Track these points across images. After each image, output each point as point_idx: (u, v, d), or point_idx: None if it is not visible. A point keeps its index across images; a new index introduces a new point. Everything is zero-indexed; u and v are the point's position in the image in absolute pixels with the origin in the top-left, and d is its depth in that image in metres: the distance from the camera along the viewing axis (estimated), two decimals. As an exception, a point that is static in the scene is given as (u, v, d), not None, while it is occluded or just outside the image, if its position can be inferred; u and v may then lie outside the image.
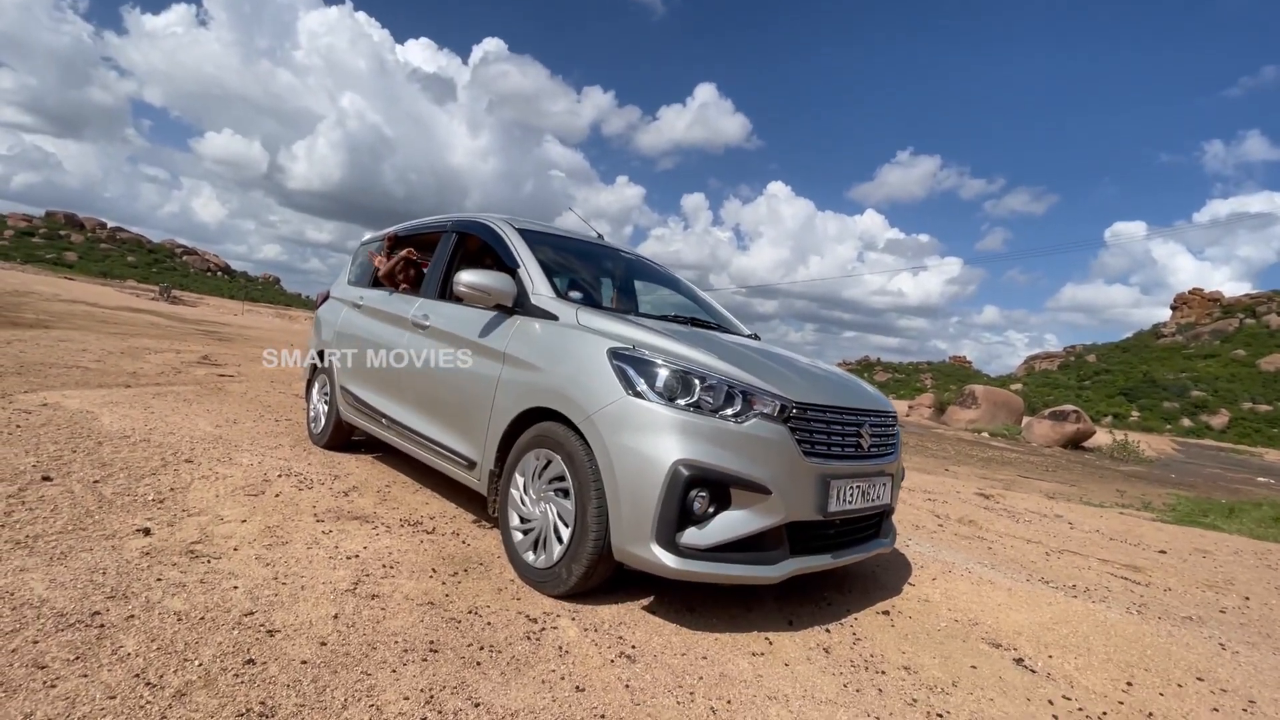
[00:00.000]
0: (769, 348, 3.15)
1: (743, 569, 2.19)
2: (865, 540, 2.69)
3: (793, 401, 2.31)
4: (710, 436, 2.18)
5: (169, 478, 3.23)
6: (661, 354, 2.35)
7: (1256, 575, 4.93)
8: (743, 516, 2.19)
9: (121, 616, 1.78)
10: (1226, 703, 2.14)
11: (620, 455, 2.21)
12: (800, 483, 2.27)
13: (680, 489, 2.11)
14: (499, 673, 1.80)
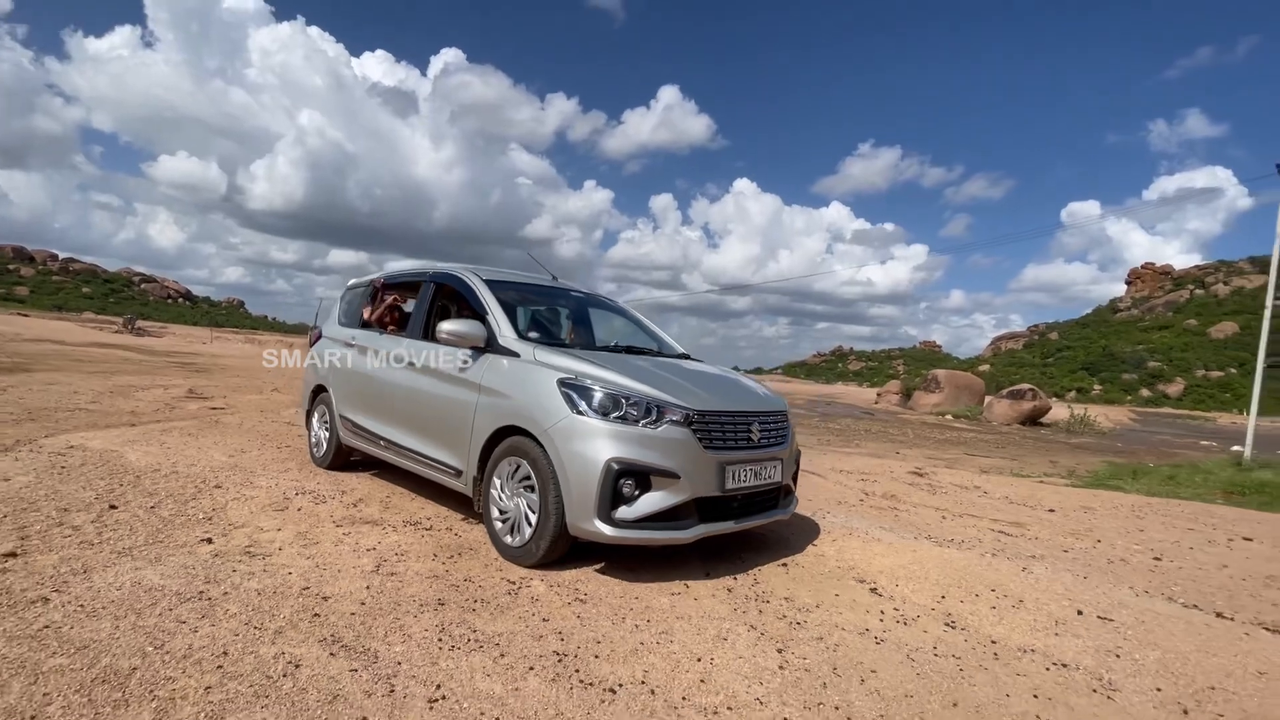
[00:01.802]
0: (686, 365, 3.99)
1: (663, 534, 3.02)
2: (764, 510, 3.52)
3: (694, 410, 3.15)
4: (634, 440, 3.01)
5: (208, 500, 3.94)
6: (597, 381, 3.18)
7: (1119, 525, 5.92)
8: (660, 496, 3.01)
9: (220, 593, 2.53)
10: (1001, 603, 3.02)
11: (569, 458, 3.02)
12: (703, 469, 3.10)
13: (613, 479, 2.93)
14: (489, 613, 2.60)
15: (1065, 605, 3.00)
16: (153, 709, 1.73)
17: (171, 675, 1.90)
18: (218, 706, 1.78)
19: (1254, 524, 6.49)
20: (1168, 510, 6.97)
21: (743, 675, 2.24)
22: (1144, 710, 2.23)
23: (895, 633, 2.72)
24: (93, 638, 2.07)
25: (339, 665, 2.07)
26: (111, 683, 1.83)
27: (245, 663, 2.02)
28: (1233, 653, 2.60)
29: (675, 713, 1.97)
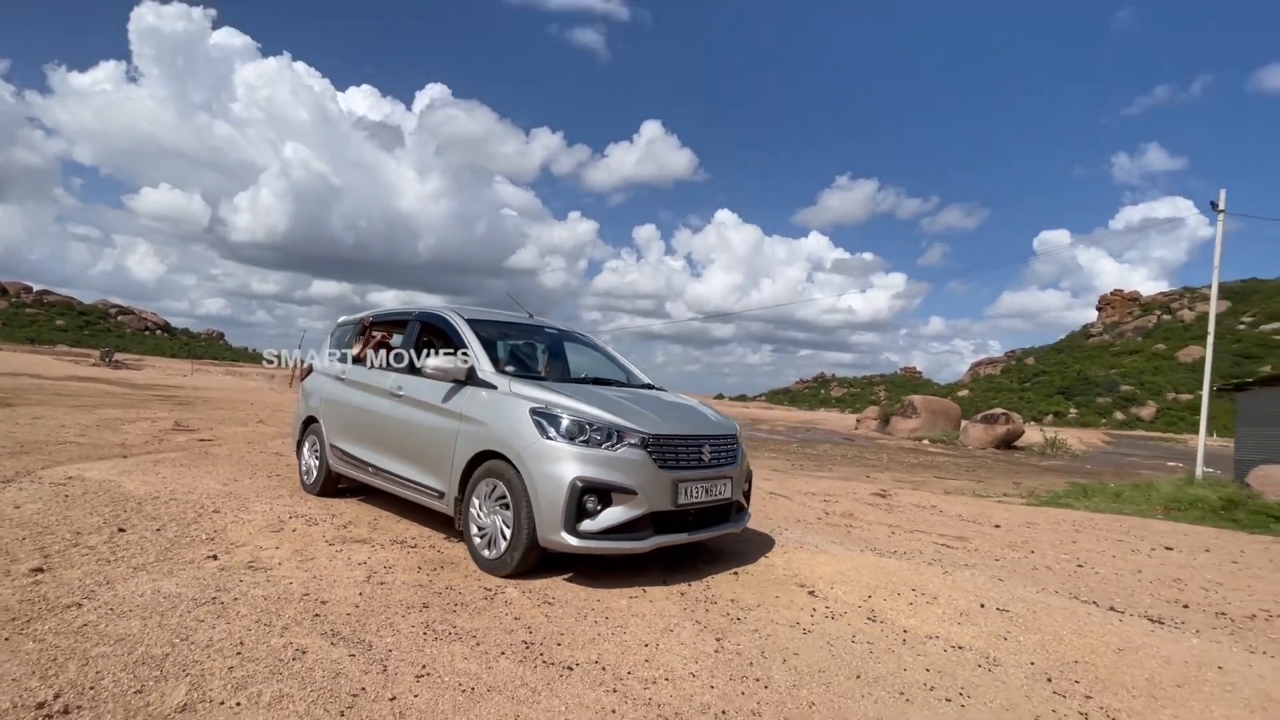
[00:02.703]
0: (648, 394, 4.45)
1: (622, 544, 3.44)
2: (717, 524, 3.94)
3: (650, 434, 3.59)
4: (597, 461, 3.44)
5: (208, 524, 4.27)
6: (565, 409, 3.61)
7: (1055, 538, 6.41)
8: (620, 510, 3.43)
9: (230, 599, 2.89)
10: (918, 600, 3.46)
11: (540, 477, 3.44)
12: (658, 486, 3.53)
13: (578, 495, 3.35)
14: (468, 613, 2.98)
15: (972, 601, 3.44)
16: (187, 682, 2.10)
17: (199, 659, 2.27)
18: (241, 680, 2.15)
19: (1181, 536, 7.03)
20: (1106, 525, 7.50)
21: (682, 657, 2.65)
22: (1016, 679, 2.67)
23: (822, 625, 3.15)
24: (127, 633, 2.43)
25: (339, 652, 2.44)
26: (150, 664, 2.19)
27: (259, 650, 2.39)
28: (1102, 635, 3.05)
29: (620, 683, 2.38)
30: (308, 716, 1.97)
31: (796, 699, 2.37)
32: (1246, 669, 2.75)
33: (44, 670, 2.09)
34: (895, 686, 2.53)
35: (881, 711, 2.32)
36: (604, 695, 2.28)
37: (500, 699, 2.19)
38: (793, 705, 2.32)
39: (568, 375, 5.13)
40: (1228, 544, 6.71)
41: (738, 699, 2.34)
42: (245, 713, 1.96)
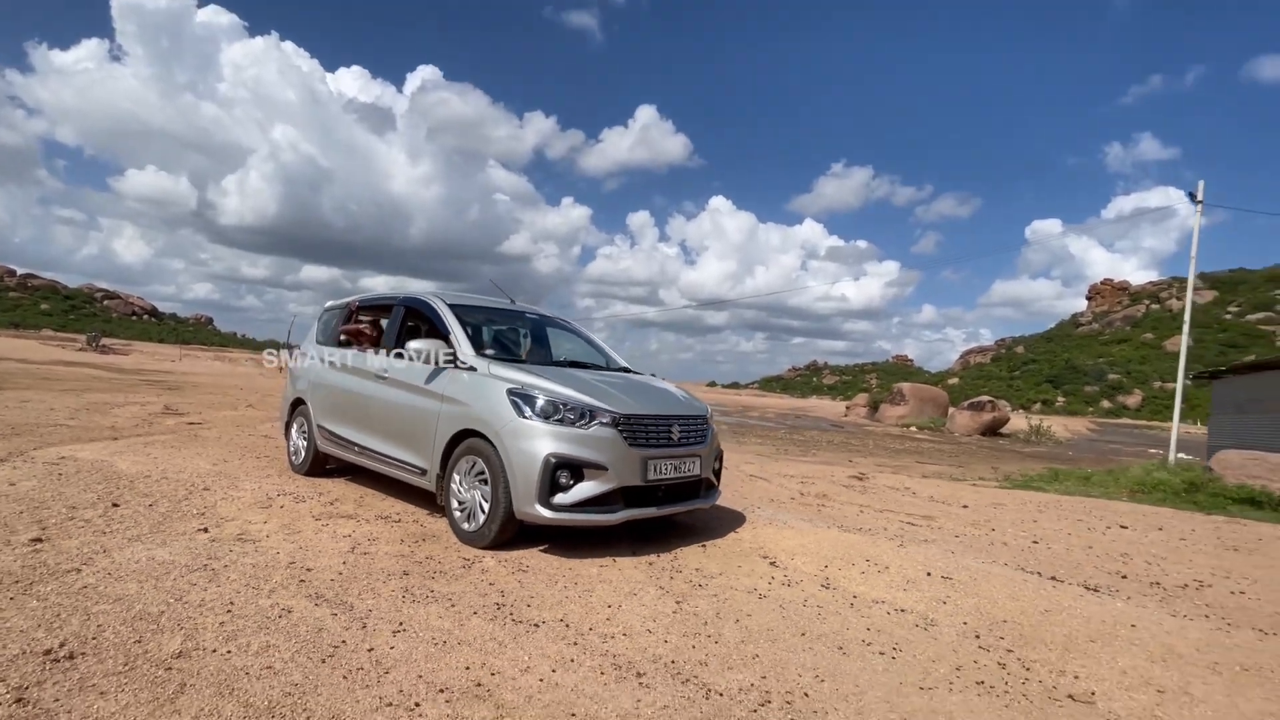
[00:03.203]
0: (623, 377, 4.64)
1: (593, 516, 3.64)
2: (686, 499, 4.15)
3: (620, 414, 3.79)
4: (570, 438, 3.63)
5: (199, 500, 4.45)
6: (540, 390, 3.80)
7: (1018, 517, 6.69)
8: (592, 485, 3.63)
9: (221, 566, 3.08)
10: (870, 570, 3.70)
11: (516, 454, 3.63)
12: (628, 462, 3.73)
13: (551, 470, 3.55)
14: (446, 580, 3.19)
15: (920, 570, 3.68)
16: (182, 634, 2.29)
17: (192, 615, 2.46)
18: (231, 633, 2.34)
19: (1139, 516, 7.34)
20: (1069, 506, 7.80)
21: (642, 617, 2.87)
22: (948, 636, 2.90)
23: (777, 591, 3.37)
24: (125, 593, 2.61)
25: (322, 611, 2.64)
26: (147, 619, 2.38)
27: (248, 609, 2.59)
28: (1033, 599, 3.30)
29: (581, 638, 2.59)
30: (292, 663, 2.17)
31: (742, 652, 2.60)
32: (1157, 627, 3.00)
33: (49, 623, 2.27)
34: (835, 642, 2.76)
35: (818, 662, 2.55)
36: (565, 647, 2.49)
37: (469, 650, 2.40)
38: (738, 657, 2.55)
39: (549, 359, 5.31)
40: (1181, 523, 7.02)
41: (688, 651, 2.56)
42: (236, 659, 2.16)
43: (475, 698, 2.06)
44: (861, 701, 2.27)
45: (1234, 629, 3.29)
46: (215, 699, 1.90)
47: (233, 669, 2.09)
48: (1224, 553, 5.59)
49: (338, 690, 2.03)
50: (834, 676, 2.44)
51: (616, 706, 2.09)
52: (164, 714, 1.81)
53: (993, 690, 2.45)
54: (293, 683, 2.04)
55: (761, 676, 2.40)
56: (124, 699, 1.86)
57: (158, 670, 2.04)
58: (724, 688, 2.28)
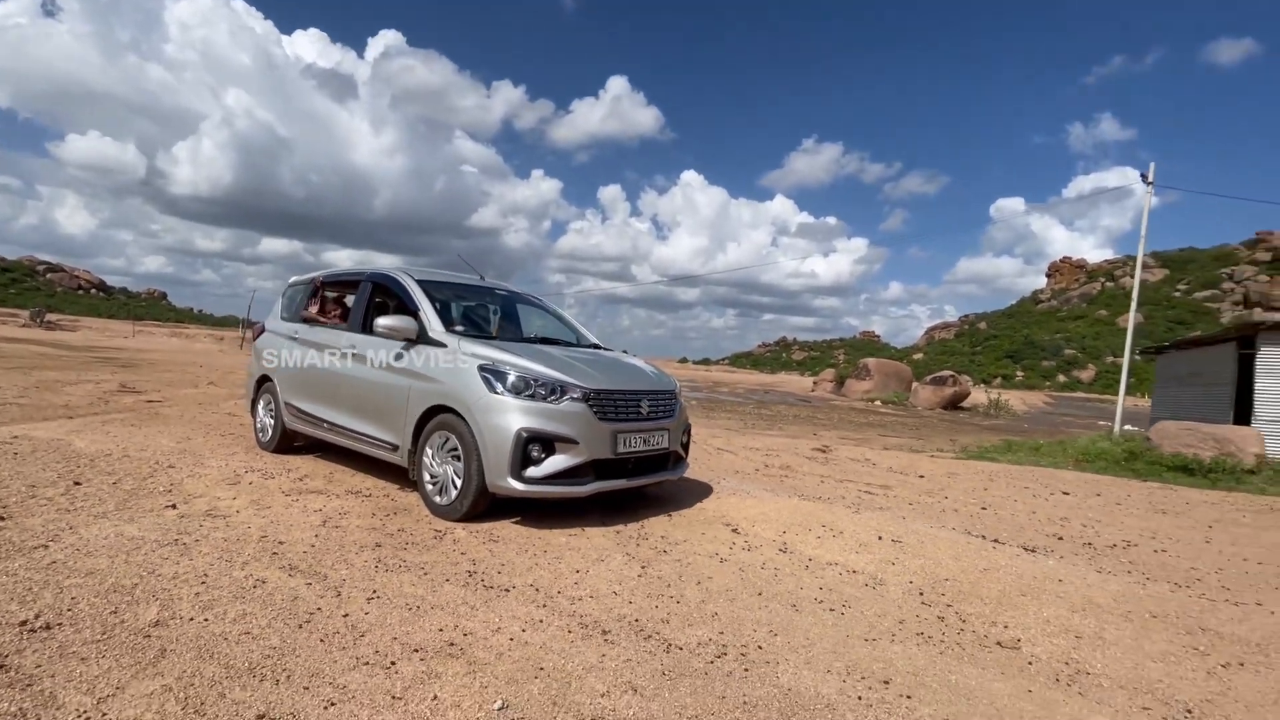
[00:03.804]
0: (593, 353, 4.72)
1: (565, 488, 3.76)
2: (655, 471, 4.29)
3: (591, 389, 3.89)
4: (541, 413, 3.73)
5: (164, 478, 4.43)
6: (511, 366, 3.87)
7: (970, 486, 7.05)
8: (563, 458, 3.74)
9: (192, 540, 3.11)
10: (826, 534, 3.92)
11: (488, 429, 3.71)
12: (598, 436, 3.84)
13: (522, 444, 3.64)
14: (418, 550, 3.28)
15: (872, 535, 3.91)
16: (158, 605, 2.35)
17: (167, 588, 2.52)
18: (207, 603, 2.41)
19: (1081, 483, 7.79)
20: (1019, 475, 8.23)
21: (608, 580, 3.02)
22: (894, 594, 3.13)
23: (738, 556, 3.56)
24: (96, 567, 2.65)
25: (296, 581, 2.72)
26: (120, 592, 2.43)
27: (223, 580, 2.65)
28: (974, 559, 3.55)
29: (550, 600, 2.73)
30: (270, 629, 2.25)
31: (702, 610, 2.76)
32: (1081, 581, 3.27)
33: (21, 597, 2.31)
34: (789, 601, 2.96)
35: (773, 619, 2.73)
36: (534, 609, 2.62)
37: (442, 614, 2.51)
38: (698, 615, 2.71)
39: (519, 336, 5.34)
40: (1119, 490, 7.49)
41: (651, 611, 2.72)
42: (214, 626, 2.23)
43: (449, 655, 2.18)
44: (810, 652, 2.46)
45: (1150, 583, 3.60)
46: (196, 661, 1.98)
47: (211, 635, 2.16)
48: (1153, 515, 6.01)
49: (315, 652, 2.12)
50: (786, 631, 2.63)
51: (582, 660, 2.23)
52: (146, 676, 1.88)
53: (931, 640, 2.67)
54: (271, 646, 2.13)
55: (719, 632, 2.57)
56: (105, 663, 1.92)
57: (136, 638, 2.10)
58: (684, 642, 2.44)
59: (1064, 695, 2.29)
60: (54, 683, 1.82)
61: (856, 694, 2.17)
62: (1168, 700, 2.33)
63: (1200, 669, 2.56)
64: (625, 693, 2.05)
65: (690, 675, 2.20)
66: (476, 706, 1.91)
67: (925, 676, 2.33)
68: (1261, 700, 2.37)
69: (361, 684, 1.96)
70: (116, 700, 1.77)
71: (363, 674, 2.02)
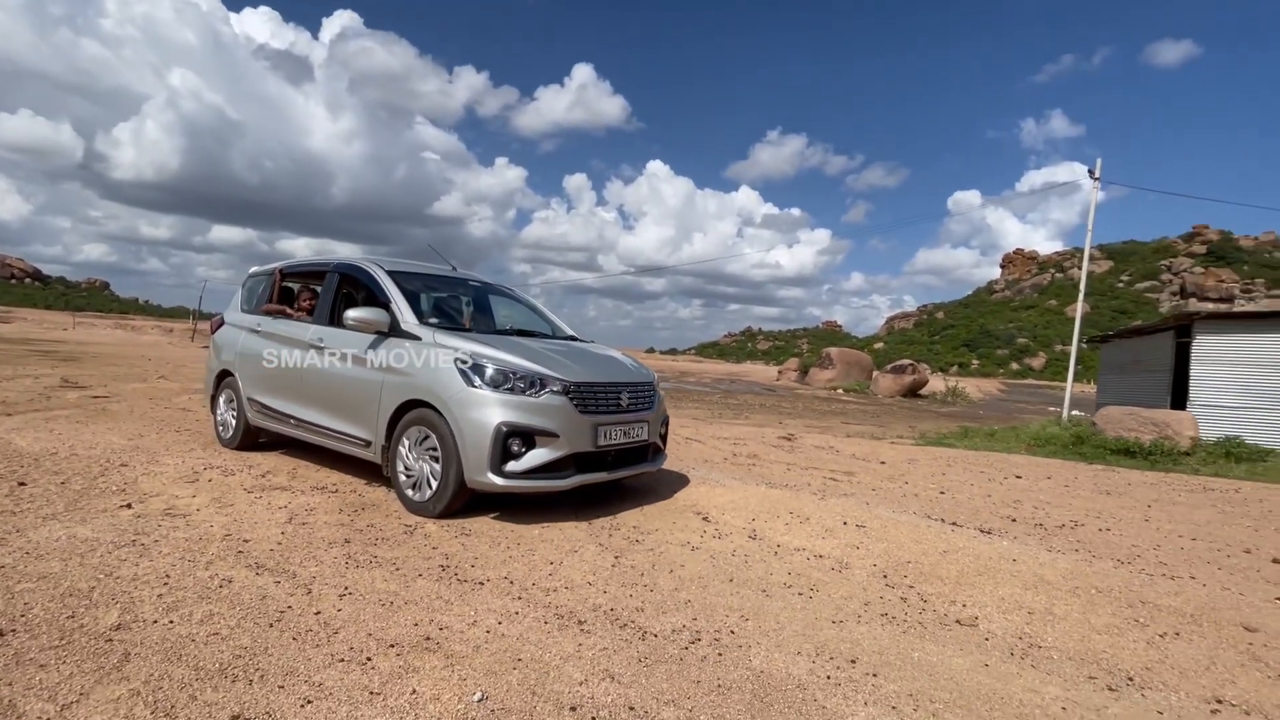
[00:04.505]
0: (570, 345, 4.67)
1: (545, 482, 3.72)
2: (635, 463, 4.29)
3: (570, 382, 3.85)
4: (520, 406, 3.68)
5: (117, 476, 4.26)
6: (489, 359, 3.80)
7: (929, 471, 7.30)
8: (544, 452, 3.69)
9: (151, 541, 3.02)
10: (793, 521, 4.03)
11: (466, 423, 3.65)
12: (579, 429, 3.81)
13: (502, 439, 3.59)
14: (388, 546, 3.25)
15: (838, 520, 4.03)
16: (119, 608, 2.28)
17: (126, 590, 2.44)
18: (171, 604, 2.35)
19: (1033, 467, 8.15)
20: (975, 460, 8.55)
21: (582, 571, 3.05)
22: (859, 577, 3.24)
23: (709, 544, 3.63)
24: (49, 571, 2.55)
25: (265, 579, 2.67)
26: (77, 596, 2.35)
27: (186, 581, 2.58)
28: (934, 542, 3.70)
29: (525, 592, 2.74)
30: (239, 628, 2.21)
31: (675, 598, 2.82)
32: (1033, 561, 3.45)
33: (-31, 604, 2.21)
34: (760, 586, 3.04)
35: (744, 604, 2.81)
36: (509, 601, 2.64)
37: (416, 609, 2.50)
38: (671, 602, 2.77)
39: (493, 328, 5.25)
40: (1067, 473, 7.86)
41: (626, 600, 2.76)
42: (180, 627, 2.18)
43: (425, 650, 2.18)
44: (781, 636, 2.54)
45: (1096, 560, 3.81)
46: (163, 664, 1.93)
47: (178, 637, 2.11)
48: (1098, 497, 6.33)
49: (289, 650, 2.09)
50: (757, 616, 2.70)
51: (559, 650, 2.26)
52: (111, 681, 1.83)
53: (894, 620, 2.78)
54: (242, 646, 2.09)
55: (692, 619, 2.62)
56: (66, 669, 1.86)
57: (97, 642, 2.04)
58: (658, 630, 2.49)
59: (1018, 668, 2.42)
60: (12, 691, 1.75)
61: (825, 674, 2.25)
62: (1111, 669, 2.49)
63: (1140, 639, 2.73)
64: (603, 680, 2.09)
65: (666, 661, 2.25)
66: (456, 699, 1.91)
67: (890, 655, 2.43)
68: (1194, 666, 2.55)
69: (338, 681, 1.95)
70: (81, 706, 1.72)
71: (339, 671, 2.00)
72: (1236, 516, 5.82)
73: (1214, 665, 2.56)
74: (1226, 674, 2.50)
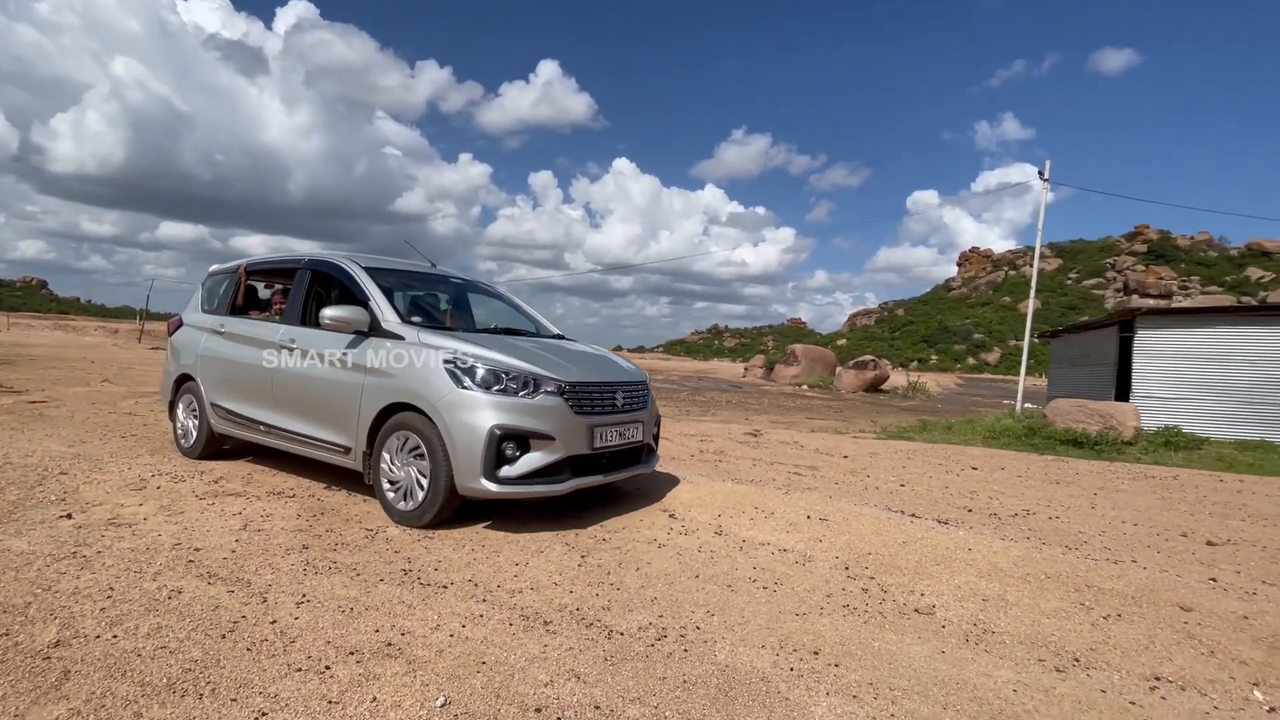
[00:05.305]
0: (560, 344, 4.53)
1: (541, 487, 3.54)
2: (630, 465, 4.12)
3: (566, 382, 3.68)
4: (514, 408, 3.50)
5: (56, 485, 4.06)
6: (479, 359, 3.61)
7: (890, 464, 7.49)
8: (539, 456, 3.50)
9: (93, 553, 2.88)
10: (758, 516, 4.08)
11: (457, 427, 3.44)
12: (574, 431, 3.64)
13: (496, 443, 3.39)
14: (348, 551, 3.17)
15: (801, 514, 4.10)
16: (57, 624, 2.17)
17: (66, 605, 2.33)
18: (115, 618, 2.25)
19: (988, 459, 8.43)
20: (933, 453, 8.80)
21: (548, 571, 3.03)
22: (822, 570, 3.30)
23: (675, 540, 3.65)
24: (-20, 587, 2.41)
25: (217, 589, 2.58)
26: (12, 612, 2.23)
27: (132, 594, 2.47)
28: (894, 533, 3.80)
29: (490, 594, 2.71)
30: (189, 641, 2.13)
31: (642, 595, 2.83)
32: (988, 549, 3.57)
33: (-110, 625, 2.07)
34: (725, 582, 3.07)
35: (709, 600, 2.83)
36: (474, 604, 2.60)
37: (378, 614, 2.45)
38: (638, 600, 2.78)
39: (473, 326, 5.03)
40: (1020, 463, 8.16)
41: (592, 599, 2.75)
42: (124, 642, 2.08)
43: (386, 656, 2.13)
44: (746, 630, 2.57)
45: (1046, 547, 3.97)
46: (106, 681, 1.85)
47: (122, 652, 2.02)
48: (1049, 486, 6.59)
49: (242, 662, 2.02)
50: (723, 611, 2.73)
51: (525, 652, 2.24)
52: (49, 700, 1.74)
53: (856, 611, 2.85)
54: (192, 659, 2.01)
55: (659, 616, 2.64)
56: (0, 690, 1.77)
57: (34, 660, 1.94)
58: (625, 628, 2.50)
59: (973, 653, 2.51)
60: (-62, 716, 1.66)
61: (789, 666, 2.29)
62: (1059, 651, 2.59)
63: (1086, 621, 2.86)
64: (568, 680, 2.08)
65: (632, 659, 2.26)
66: (418, 705, 1.88)
67: (851, 645, 2.48)
68: (1134, 646, 2.68)
69: (295, 691, 1.90)
70: (15, 729, 1.63)
71: (295, 681, 1.95)
72: (1174, 502, 6.13)
73: (1153, 644, 2.69)
74: (1164, 652, 2.63)
